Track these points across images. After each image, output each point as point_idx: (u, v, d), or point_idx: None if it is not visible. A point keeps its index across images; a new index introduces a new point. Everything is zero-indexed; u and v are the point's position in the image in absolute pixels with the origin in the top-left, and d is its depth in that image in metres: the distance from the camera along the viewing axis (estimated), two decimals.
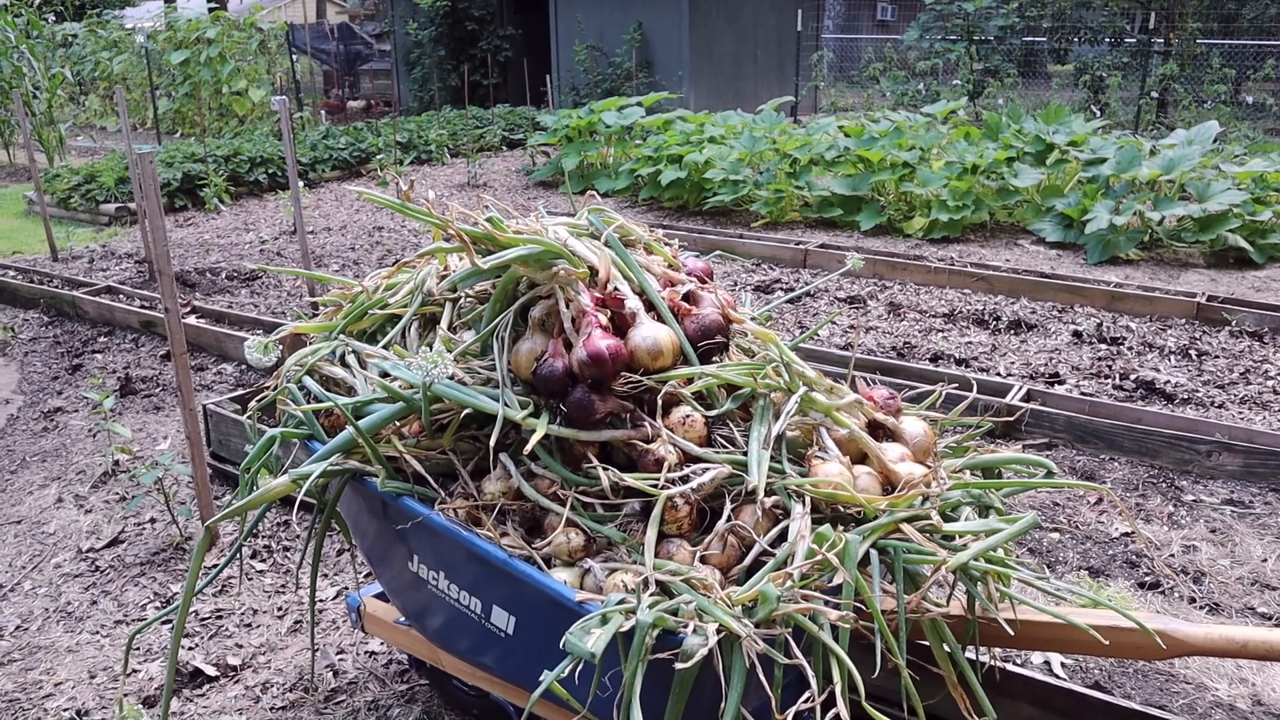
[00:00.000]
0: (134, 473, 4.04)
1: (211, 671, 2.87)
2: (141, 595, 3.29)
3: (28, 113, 11.73)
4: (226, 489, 3.98)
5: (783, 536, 1.72)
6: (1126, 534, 3.53)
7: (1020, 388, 4.45)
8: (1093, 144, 8.26)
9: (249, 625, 3.11)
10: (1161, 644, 1.84)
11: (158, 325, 5.84)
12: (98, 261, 7.92)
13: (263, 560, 3.48)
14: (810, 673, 1.52)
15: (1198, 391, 4.75)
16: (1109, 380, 4.93)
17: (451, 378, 1.87)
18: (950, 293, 6.50)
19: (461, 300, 2.13)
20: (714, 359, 1.98)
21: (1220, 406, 4.60)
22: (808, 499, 1.75)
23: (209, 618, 3.15)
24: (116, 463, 4.20)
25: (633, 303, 1.90)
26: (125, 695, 2.78)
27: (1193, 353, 5.28)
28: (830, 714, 1.49)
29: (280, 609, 3.19)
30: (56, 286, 6.88)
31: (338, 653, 2.96)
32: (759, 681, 1.53)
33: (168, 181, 9.71)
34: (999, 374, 5.03)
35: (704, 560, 1.72)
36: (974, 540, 1.79)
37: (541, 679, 1.56)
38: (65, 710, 2.73)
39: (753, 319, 2.16)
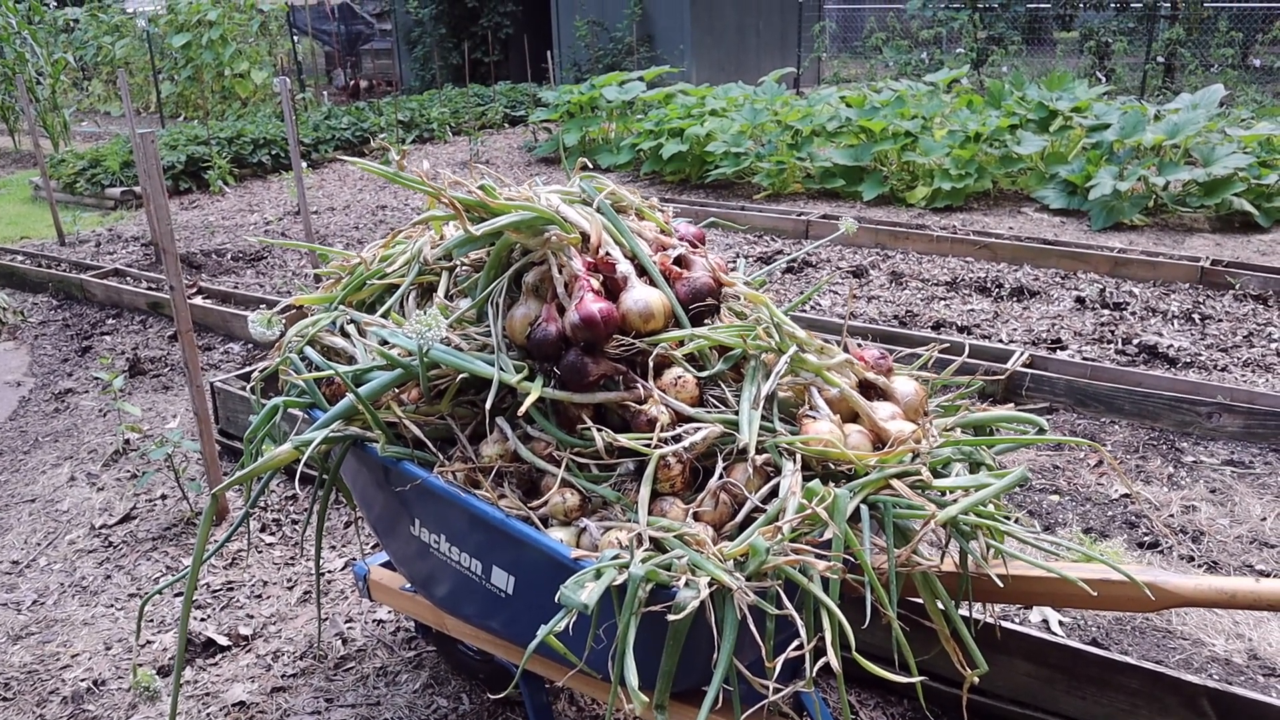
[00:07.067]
0: (144, 450, 4.10)
1: (223, 641, 2.93)
2: (154, 569, 3.35)
3: (31, 99, 11.75)
4: (235, 464, 4.03)
5: (774, 493, 1.75)
6: (1126, 495, 3.55)
7: (1022, 353, 4.46)
8: (1097, 110, 8.20)
9: (259, 596, 3.17)
10: (1151, 596, 1.86)
11: (165, 306, 5.89)
12: (104, 245, 7.97)
13: (272, 534, 3.54)
14: (800, 623, 1.55)
15: (1200, 355, 4.76)
16: (1111, 345, 4.94)
17: (445, 341, 1.90)
18: (953, 261, 6.49)
19: (457, 268, 2.16)
20: (705, 321, 2.00)
21: (1223, 370, 4.60)
22: (799, 457, 1.78)
23: (220, 589, 3.21)
24: (127, 441, 4.26)
25: (624, 267, 1.92)
26: (139, 665, 2.84)
27: (1196, 317, 5.28)
28: (820, 662, 1.52)
29: (290, 580, 3.25)
30: (64, 270, 6.93)
31: (346, 621, 3.01)
32: (753, 638, 1.56)
33: (172, 164, 9.74)
34: (1001, 340, 5.04)
35: (697, 517, 1.75)
36: (964, 495, 1.81)
37: (538, 635, 1.60)
38: (82, 680, 2.79)
39: (746, 283, 2.18)
